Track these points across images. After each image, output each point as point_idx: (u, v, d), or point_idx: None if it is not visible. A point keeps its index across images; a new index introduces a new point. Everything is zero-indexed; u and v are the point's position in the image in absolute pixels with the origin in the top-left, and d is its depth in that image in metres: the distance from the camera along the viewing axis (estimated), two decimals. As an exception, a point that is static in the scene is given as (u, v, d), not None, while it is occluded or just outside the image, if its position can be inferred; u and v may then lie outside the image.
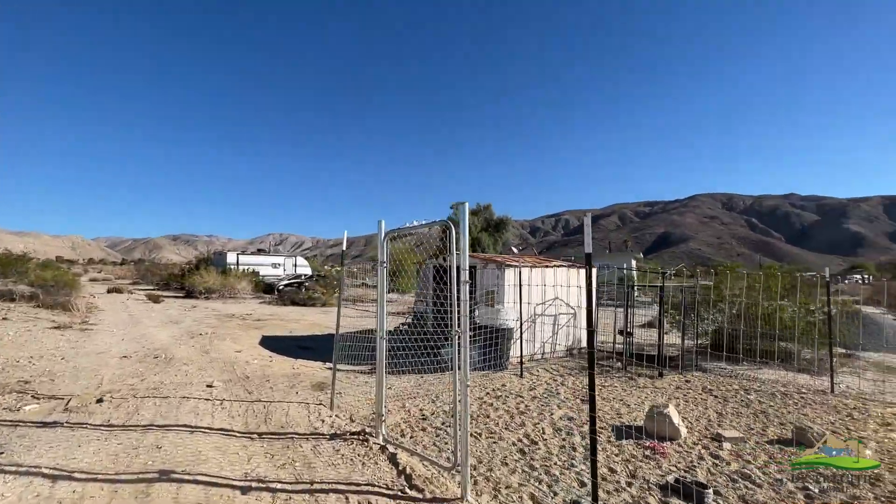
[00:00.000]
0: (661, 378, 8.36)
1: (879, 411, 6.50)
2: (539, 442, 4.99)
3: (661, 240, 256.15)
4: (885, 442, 5.28)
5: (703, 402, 6.83)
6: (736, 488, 4.01)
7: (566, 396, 6.97)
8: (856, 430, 5.64)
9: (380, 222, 4.96)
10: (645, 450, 4.85)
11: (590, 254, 2.74)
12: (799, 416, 6.16)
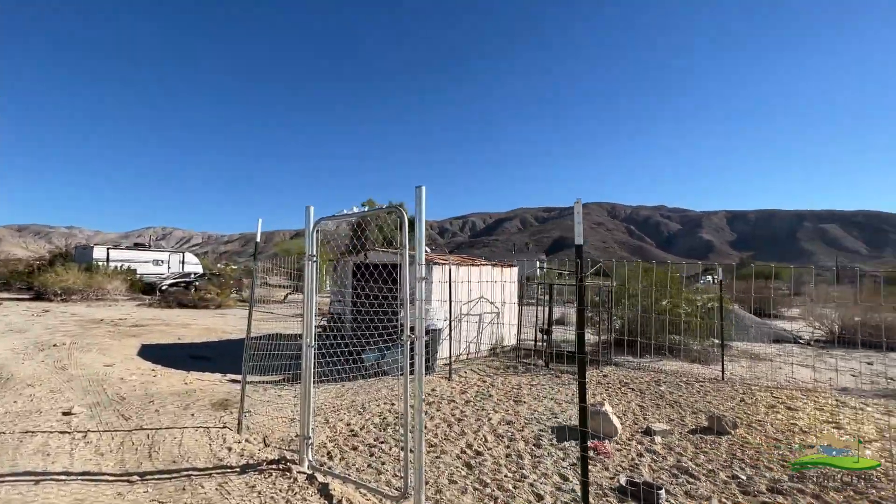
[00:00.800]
0: (581, 374, 8.62)
1: (763, 395, 7.34)
2: (484, 452, 4.65)
3: (558, 243, 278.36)
4: (776, 423, 5.90)
5: (625, 396, 7.11)
6: (679, 483, 4.06)
7: (499, 398, 6.78)
8: (753, 414, 6.24)
9: (308, 209, 4.21)
10: (588, 451, 4.76)
11: (580, 245, 2.43)
12: (706, 405, 6.68)
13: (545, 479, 4.06)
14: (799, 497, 3.80)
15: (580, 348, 2.47)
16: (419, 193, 3.21)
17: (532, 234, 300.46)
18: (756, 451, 4.87)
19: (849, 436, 5.39)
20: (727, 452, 4.81)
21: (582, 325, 2.49)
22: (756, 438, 5.25)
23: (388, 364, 8.15)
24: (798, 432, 5.51)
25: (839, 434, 5.49)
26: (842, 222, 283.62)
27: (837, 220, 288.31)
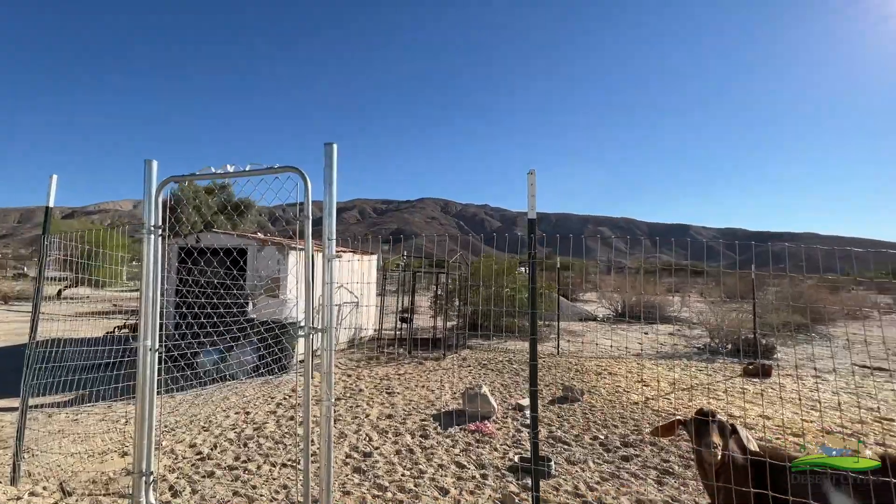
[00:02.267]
0: (444, 359, 8.82)
1: (590, 364, 8.69)
2: (372, 452, 4.23)
3: (395, 234, 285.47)
4: (606, 386, 7.02)
5: (487, 376, 7.52)
6: (558, 451, 4.40)
7: (371, 392, 6.37)
8: (588, 381, 7.29)
9: (149, 164, 3.09)
10: (472, 433, 4.81)
11: (533, 220, 2.28)
12: (553, 377, 7.54)
13: (443, 470, 3.90)
14: (647, 448, 4.51)
15: (533, 328, 2.34)
16: (329, 152, 2.61)
17: (370, 225, 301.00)
18: (602, 412, 5.66)
19: (667, 394, 6.75)
20: (583, 417, 5.46)
21: (534, 305, 2.36)
22: (598, 402, 6.12)
23: (234, 367, 6.87)
24: (623, 391, 6.65)
25: (643, 388, 6.84)
26: (610, 225, 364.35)
27: (608, 223, 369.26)
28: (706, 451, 1.94)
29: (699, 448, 2.00)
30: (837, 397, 6.55)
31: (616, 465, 4.08)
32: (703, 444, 1.97)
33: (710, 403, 6.20)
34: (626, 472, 3.96)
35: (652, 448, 4.51)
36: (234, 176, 2.93)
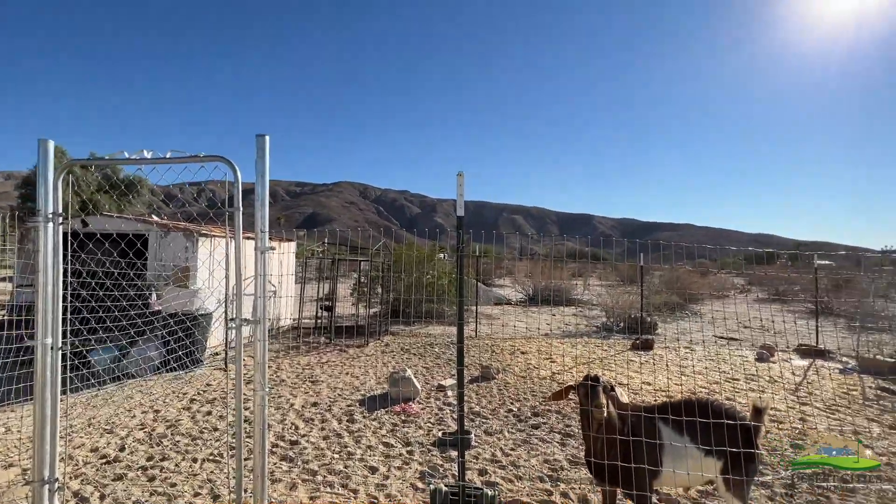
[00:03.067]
0: (367, 346, 8.92)
1: (504, 345, 9.39)
2: (299, 440, 4.28)
3: (310, 219, 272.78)
4: (519, 364, 7.68)
5: (410, 360, 7.80)
6: (477, 425, 4.82)
7: (294, 382, 6.30)
8: (503, 360, 7.91)
9: (43, 144, 2.79)
10: (398, 415, 5.05)
11: (461, 217, 2.51)
12: (471, 359, 8.04)
13: (371, 450, 4.09)
14: (553, 416, 5.11)
15: (460, 314, 2.60)
16: (261, 144, 2.61)
17: (283, 209, 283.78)
18: (515, 388, 6.24)
19: (622, 377, 7.54)
20: (498, 393, 5.98)
21: (462, 293, 2.61)
22: (512, 379, 6.71)
23: (135, 364, 6.32)
24: (533, 368, 7.35)
25: (551, 364, 7.62)
26: (523, 214, 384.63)
27: (521, 212, 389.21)
28: (596, 410, 2.36)
29: (590, 408, 2.42)
30: (702, 364, 7.89)
31: (527, 433, 4.60)
32: (593, 404, 2.39)
33: (604, 374, 7.12)
34: (536, 437, 4.49)
35: (557, 416, 5.14)
36: (151, 163, 2.79)
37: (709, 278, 23.38)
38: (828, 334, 10.49)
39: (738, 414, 2.49)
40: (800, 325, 11.53)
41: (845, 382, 6.80)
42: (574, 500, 3.32)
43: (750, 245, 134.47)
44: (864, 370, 7.28)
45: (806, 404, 5.72)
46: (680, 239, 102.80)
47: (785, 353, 8.95)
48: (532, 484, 3.55)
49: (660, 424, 2.47)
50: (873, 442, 4.52)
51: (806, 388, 6.49)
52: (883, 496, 3.45)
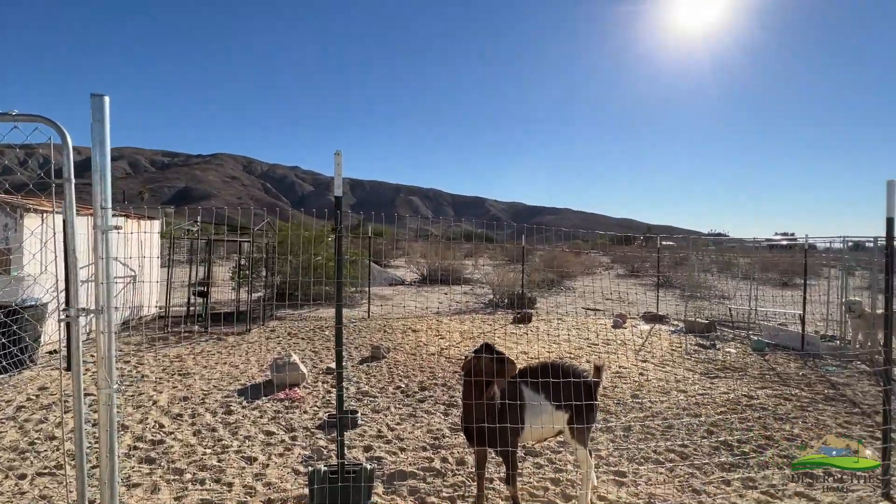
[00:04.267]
0: (249, 332, 8.32)
1: (397, 324, 9.53)
2: (165, 439, 3.88)
3: (183, 194, 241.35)
4: (410, 342, 7.88)
5: (298, 345, 7.50)
6: (364, 404, 4.86)
7: (159, 377, 5.64)
8: (395, 340, 8.04)
9: None
10: (281, 401, 4.86)
11: (339, 197, 2.43)
12: (363, 339, 8.02)
13: (250, 440, 3.90)
14: (438, 389, 5.38)
15: (338, 295, 2.56)
16: (99, 106, 2.25)
17: (148, 181, 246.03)
18: (404, 365, 6.41)
19: (460, 341, 7.93)
20: (388, 372, 6.09)
21: (340, 275, 2.57)
22: (402, 357, 6.88)
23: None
24: (423, 345, 7.61)
25: (440, 341, 7.98)
26: (420, 195, 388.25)
27: (418, 193, 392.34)
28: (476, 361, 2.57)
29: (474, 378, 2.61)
30: (570, 333, 8.95)
31: (413, 407, 4.79)
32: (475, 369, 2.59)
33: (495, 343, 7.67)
34: (422, 410, 4.70)
35: (443, 388, 5.42)
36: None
37: (581, 257, 26.31)
38: (667, 303, 12.61)
39: (582, 373, 2.91)
40: (648, 295, 13.67)
41: (675, 341, 8.30)
42: (452, 464, 3.58)
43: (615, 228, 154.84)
44: (689, 330, 8.95)
45: (646, 361, 6.87)
46: (560, 222, 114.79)
47: (634, 319, 10.57)
48: (415, 454, 3.73)
49: (521, 386, 2.78)
50: (688, 386, 5.63)
51: (647, 347, 7.78)
52: (690, 429, 4.34)
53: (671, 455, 3.79)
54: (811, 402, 5.11)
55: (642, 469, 3.55)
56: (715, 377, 6.06)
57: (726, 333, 9.10)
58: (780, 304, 11.10)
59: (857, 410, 4.88)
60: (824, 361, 6.92)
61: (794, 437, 4.18)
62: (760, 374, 6.22)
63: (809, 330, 8.34)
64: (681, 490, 3.27)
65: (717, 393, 5.41)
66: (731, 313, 10.21)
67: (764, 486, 3.34)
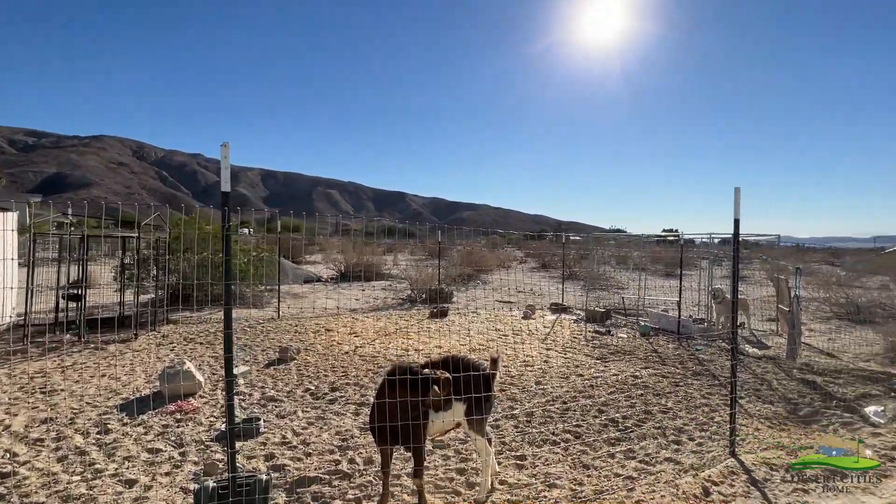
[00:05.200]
0: (135, 339, 7.43)
1: (309, 324, 9.14)
2: (16, 469, 3.31)
3: (54, 181, 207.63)
4: (322, 342, 7.62)
5: (195, 350, 6.87)
6: (269, 410, 4.60)
7: (13, 398, 4.81)
8: (306, 340, 7.71)
9: None
10: (172, 414, 4.41)
11: (227, 192, 2.22)
12: (272, 341, 7.58)
13: (131, 461, 3.48)
14: (350, 389, 5.27)
15: (227, 298, 2.36)
16: None
17: (6, 164, 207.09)
18: (315, 366, 6.18)
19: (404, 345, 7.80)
20: (297, 374, 5.83)
21: (229, 276, 2.37)
22: (313, 357, 6.62)
23: None
24: (337, 344, 7.40)
25: (355, 339, 7.83)
26: (339, 189, 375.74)
27: (337, 186, 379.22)
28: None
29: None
30: (483, 325, 9.30)
31: (323, 409, 4.64)
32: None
33: (404, 342, 7.68)
34: (331, 412, 4.57)
35: (355, 387, 5.32)
36: None
37: (497, 252, 27.40)
38: (572, 294, 13.63)
39: (480, 365, 3.03)
40: (555, 288, 14.65)
41: (576, 329, 9.02)
42: (360, 464, 3.53)
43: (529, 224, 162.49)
44: (588, 319, 9.77)
45: (550, 349, 7.37)
46: (478, 218, 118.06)
47: (542, 310, 11.28)
48: (321, 458, 3.62)
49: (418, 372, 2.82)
50: (585, 370, 6.15)
51: (552, 336, 8.35)
52: (584, 410, 4.75)
53: (567, 435, 4.12)
54: (683, 378, 5.88)
55: (541, 451, 3.81)
56: (608, 361, 6.69)
57: (620, 320, 10.09)
58: (664, 292, 12.58)
59: (716, 382, 5.71)
60: (695, 341, 7.99)
61: (668, 410, 4.77)
62: (645, 356, 7.00)
63: (685, 315, 9.56)
64: (573, 467, 3.57)
65: (609, 374, 5.98)
66: (623, 302, 11.34)
67: (641, 455, 3.77)
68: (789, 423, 4.54)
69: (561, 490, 3.23)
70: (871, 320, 9.23)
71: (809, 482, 3.34)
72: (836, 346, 7.87)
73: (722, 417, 4.47)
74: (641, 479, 3.39)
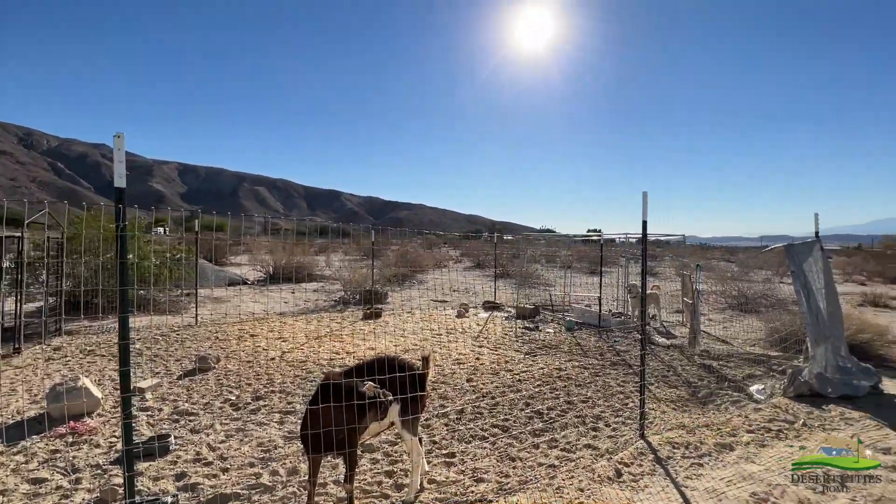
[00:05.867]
0: (18, 354, 6.49)
1: (231, 330, 8.57)
2: None
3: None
4: (246, 349, 7.17)
5: (95, 364, 6.15)
6: (182, 425, 4.24)
7: None
8: (228, 347, 7.22)
9: None
10: (62, 437, 3.91)
11: (122, 189, 1.98)
12: (187, 350, 6.99)
13: (7, 496, 3.03)
14: (276, 397, 5.01)
15: (123, 306, 2.11)
16: None
17: None
18: (238, 375, 5.80)
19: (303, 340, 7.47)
20: (216, 384, 5.43)
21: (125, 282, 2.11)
22: (235, 365, 6.21)
23: None
24: (262, 350, 7.00)
25: (282, 344, 7.47)
26: (268, 186, 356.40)
27: (265, 184, 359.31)
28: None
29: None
30: (417, 325, 9.29)
31: (244, 420, 4.36)
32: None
33: (336, 345, 7.45)
34: (253, 422, 4.31)
35: (280, 395, 5.07)
36: None
37: (433, 252, 27.56)
38: (504, 292, 14.07)
39: (412, 365, 3.03)
40: (489, 286, 15.04)
41: (507, 326, 9.32)
42: (283, 475, 3.37)
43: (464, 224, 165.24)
44: (519, 316, 10.14)
45: (481, 346, 7.54)
46: (414, 217, 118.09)
47: (475, 308, 11.53)
48: (241, 472, 3.40)
49: (359, 385, 2.76)
50: (514, 366, 6.38)
51: (484, 334, 8.55)
52: (512, 404, 4.92)
53: (495, 430, 4.24)
54: (602, 369, 6.30)
55: (470, 447, 3.89)
56: (536, 355, 7.00)
57: (548, 316, 10.60)
58: (588, 289, 13.41)
59: (631, 371, 6.18)
60: (613, 334, 8.60)
61: (588, 399, 5.09)
62: (569, 349, 7.41)
63: (605, 309, 10.27)
64: (500, 460, 3.68)
65: (536, 369, 6.26)
66: (551, 299, 11.93)
67: (563, 443, 3.99)
68: (690, 405, 5.05)
69: (488, 484, 3.31)
70: (756, 310, 10.54)
71: (704, 457, 3.74)
72: (729, 333, 8.89)
73: (634, 403, 4.85)
74: (562, 466, 3.58)
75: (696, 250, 26.90)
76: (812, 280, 5.60)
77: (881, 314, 10.80)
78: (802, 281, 5.53)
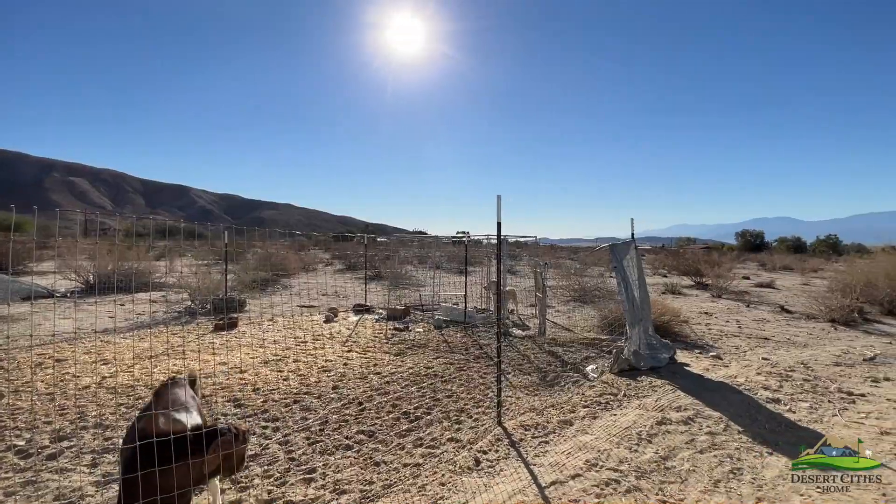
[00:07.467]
0: None
1: (25, 356, 6.77)
2: None
3: None
4: (46, 378, 5.73)
5: None
6: (-68, 491, 3.15)
7: None
8: (19, 378, 5.67)
9: None
10: None
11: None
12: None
13: None
14: (88, 434, 4.07)
15: None
16: None
17: None
18: (31, 413, 4.57)
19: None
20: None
21: None
22: (28, 402, 4.89)
23: None
24: (70, 378, 5.67)
25: (104, 367, 6.18)
26: (90, 177, 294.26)
27: (86, 174, 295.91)
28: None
29: None
30: (280, 333, 8.58)
31: (37, 468, 3.44)
32: None
33: (176, 363, 6.43)
34: (50, 470, 3.43)
35: (95, 431, 4.15)
36: None
37: (302, 254, 25.92)
38: (376, 294, 13.91)
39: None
40: (360, 288, 14.69)
41: (378, 328, 9.21)
42: (92, 531, 2.74)
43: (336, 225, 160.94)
44: (390, 317, 10.11)
45: (350, 351, 7.30)
46: (280, 217, 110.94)
47: (346, 312, 11.15)
48: (26, 538, 2.65)
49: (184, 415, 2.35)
50: (383, 367, 6.31)
51: (353, 338, 8.30)
52: (379, 407, 4.83)
53: (360, 436, 4.10)
54: (466, 363, 6.63)
55: (333, 458, 3.69)
56: (405, 355, 7.03)
57: (419, 316, 10.79)
58: (457, 287, 14.06)
59: (492, 363, 6.62)
60: (478, 329, 9.15)
61: (452, 394, 5.28)
62: (437, 347, 7.63)
63: (471, 306, 10.87)
64: (364, 467, 3.57)
65: (405, 368, 6.29)
66: (421, 298, 12.19)
67: (428, 440, 4.05)
68: (540, 389, 5.61)
69: (350, 494, 3.17)
70: (592, 300, 12.32)
71: (549, 434, 4.17)
72: (572, 321, 10.19)
73: (494, 393, 5.20)
74: (426, 463, 3.63)
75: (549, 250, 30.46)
76: (629, 273, 6.72)
77: (677, 299, 13.59)
78: (623, 274, 6.60)
